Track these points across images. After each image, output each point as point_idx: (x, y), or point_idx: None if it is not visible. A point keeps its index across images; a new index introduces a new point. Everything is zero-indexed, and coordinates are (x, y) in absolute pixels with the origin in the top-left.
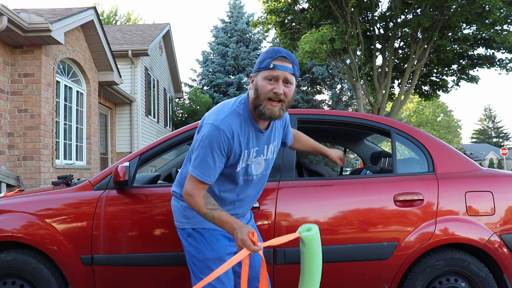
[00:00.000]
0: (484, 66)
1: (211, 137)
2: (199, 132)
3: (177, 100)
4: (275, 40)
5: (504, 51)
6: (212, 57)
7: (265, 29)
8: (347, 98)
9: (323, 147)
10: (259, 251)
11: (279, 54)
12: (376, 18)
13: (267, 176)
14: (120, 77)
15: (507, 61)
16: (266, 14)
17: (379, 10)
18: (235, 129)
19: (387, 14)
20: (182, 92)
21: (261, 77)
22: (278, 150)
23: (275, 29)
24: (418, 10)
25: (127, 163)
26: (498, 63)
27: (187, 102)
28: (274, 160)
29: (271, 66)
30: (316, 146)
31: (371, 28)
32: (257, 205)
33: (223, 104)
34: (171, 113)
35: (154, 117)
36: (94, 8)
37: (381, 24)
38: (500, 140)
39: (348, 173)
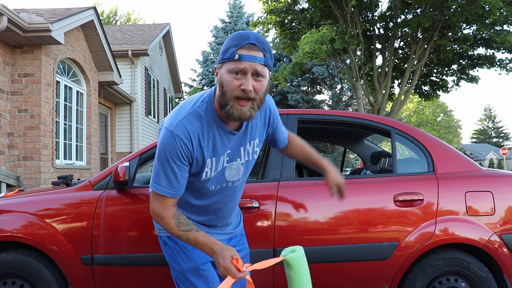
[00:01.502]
0: (484, 66)
1: (166, 144)
2: (157, 146)
3: (177, 100)
4: (275, 40)
5: (504, 51)
6: (212, 57)
7: (265, 29)
8: (347, 98)
9: (323, 162)
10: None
11: (246, 41)
12: (376, 18)
13: (245, 182)
14: (120, 77)
15: (507, 61)
16: (266, 14)
17: (379, 10)
18: (194, 134)
19: (387, 14)
20: (182, 92)
21: (226, 70)
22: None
23: (275, 29)
24: (418, 10)
25: (127, 163)
26: (498, 63)
27: None
28: (254, 162)
29: (237, 56)
30: (313, 158)
31: (371, 28)
32: (257, 205)
33: (183, 104)
34: None
35: (154, 117)
36: (94, 8)
37: (381, 24)
38: (500, 140)
39: (348, 173)
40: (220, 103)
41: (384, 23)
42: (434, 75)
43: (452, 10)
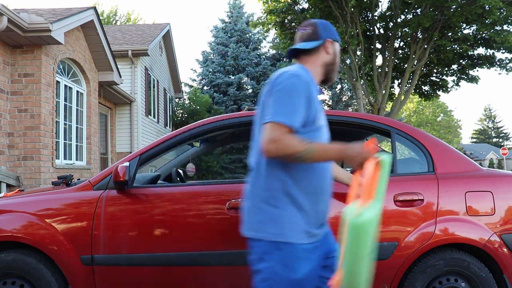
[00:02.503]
0: (484, 66)
1: (292, 83)
2: (273, 88)
3: (177, 100)
4: (275, 40)
5: (504, 51)
6: (212, 57)
7: (265, 29)
8: (347, 98)
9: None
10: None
11: None
12: (376, 18)
13: None
14: (120, 77)
15: (507, 61)
16: (266, 14)
17: (379, 10)
18: (310, 81)
19: (387, 14)
20: (182, 92)
21: (337, 48)
22: None
23: (275, 29)
24: (418, 10)
25: (127, 163)
26: (498, 63)
27: (187, 102)
28: None
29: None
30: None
31: (371, 28)
32: None
33: (287, 68)
34: (171, 113)
35: (154, 117)
36: (94, 8)
37: (381, 24)
38: (500, 140)
39: None
40: (329, 68)
41: (384, 23)
42: (434, 75)
43: (452, 10)
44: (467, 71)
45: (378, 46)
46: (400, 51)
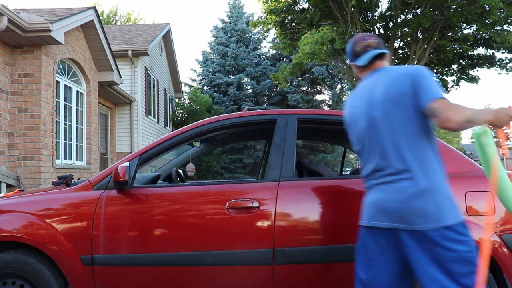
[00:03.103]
0: (484, 66)
1: (429, 72)
2: (416, 77)
3: (177, 100)
4: (275, 40)
5: (504, 51)
6: (212, 57)
7: (265, 29)
8: (347, 98)
9: None
10: None
11: None
12: (376, 18)
13: None
14: (120, 77)
15: (507, 61)
16: (266, 14)
17: (379, 10)
18: None
19: (387, 14)
20: (182, 92)
21: None
22: (279, 150)
23: (275, 29)
24: (418, 10)
25: (127, 163)
26: (498, 63)
27: (187, 102)
28: None
29: None
30: None
31: (371, 28)
32: (257, 205)
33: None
34: (171, 113)
35: (154, 117)
36: (94, 8)
37: (381, 24)
38: (500, 140)
39: (348, 173)
40: None
41: (384, 23)
42: (434, 75)
43: (452, 10)
44: (467, 71)
45: None
46: (400, 51)
